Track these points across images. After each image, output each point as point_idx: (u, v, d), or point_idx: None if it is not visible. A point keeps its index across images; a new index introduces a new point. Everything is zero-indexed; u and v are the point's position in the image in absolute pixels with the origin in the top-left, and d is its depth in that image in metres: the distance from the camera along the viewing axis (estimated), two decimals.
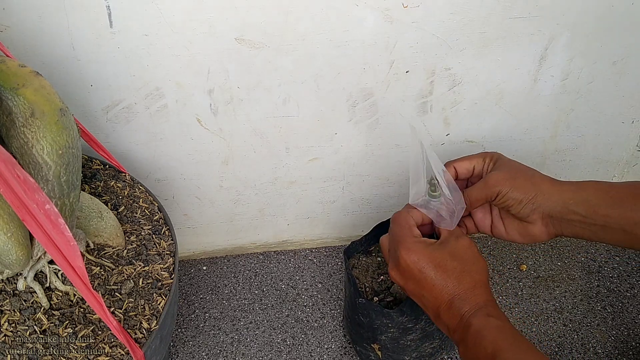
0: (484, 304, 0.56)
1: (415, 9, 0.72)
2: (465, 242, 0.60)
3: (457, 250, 0.59)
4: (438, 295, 0.57)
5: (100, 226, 0.69)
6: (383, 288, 0.76)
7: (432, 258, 0.58)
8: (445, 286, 0.57)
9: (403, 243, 0.60)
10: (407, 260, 0.59)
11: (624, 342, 0.89)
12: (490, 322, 0.54)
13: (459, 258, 0.58)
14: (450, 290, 0.57)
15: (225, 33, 0.71)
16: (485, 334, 0.53)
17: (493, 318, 0.54)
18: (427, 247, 0.59)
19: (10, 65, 0.54)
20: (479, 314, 0.55)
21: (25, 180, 0.47)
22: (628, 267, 0.99)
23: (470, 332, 0.54)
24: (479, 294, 0.56)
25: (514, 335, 0.53)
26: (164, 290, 0.67)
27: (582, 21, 0.77)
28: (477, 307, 0.55)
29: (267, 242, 1.01)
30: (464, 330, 0.55)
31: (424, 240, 0.60)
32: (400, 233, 0.61)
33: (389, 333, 0.74)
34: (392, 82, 0.80)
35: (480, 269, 0.59)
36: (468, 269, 0.58)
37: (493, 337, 0.52)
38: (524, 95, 0.85)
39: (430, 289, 0.58)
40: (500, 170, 0.63)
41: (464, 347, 0.55)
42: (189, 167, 0.87)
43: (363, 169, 0.92)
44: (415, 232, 0.62)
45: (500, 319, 0.54)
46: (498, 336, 0.53)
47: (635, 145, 0.97)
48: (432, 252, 0.59)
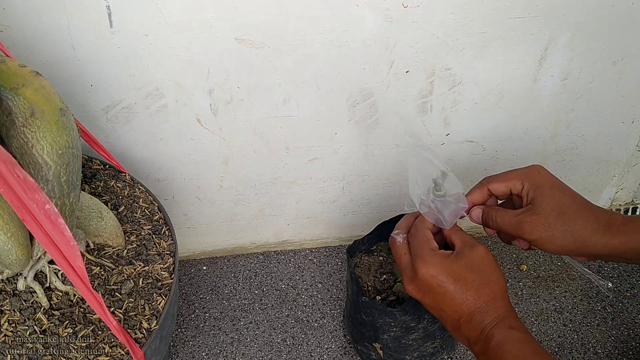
0: (505, 315, 0.55)
1: (415, 9, 0.72)
2: (481, 250, 0.59)
3: (474, 260, 0.58)
4: (458, 309, 0.57)
5: (100, 226, 0.69)
6: (385, 287, 0.76)
7: (451, 271, 0.57)
8: (465, 299, 0.56)
9: (420, 257, 0.58)
10: (425, 274, 0.57)
11: (624, 342, 0.89)
12: (512, 334, 0.53)
13: (476, 269, 0.57)
14: (471, 304, 0.56)
15: (225, 33, 0.71)
16: (507, 347, 0.53)
17: (515, 330, 0.54)
18: (444, 260, 0.58)
19: (10, 65, 0.54)
20: (501, 325, 0.54)
21: (25, 180, 0.47)
22: (628, 267, 0.99)
23: (491, 345, 0.54)
24: (499, 306, 0.56)
25: (535, 349, 0.53)
26: (164, 290, 0.67)
27: (582, 21, 0.77)
28: (498, 319, 0.55)
29: (267, 242, 1.01)
30: (485, 342, 0.54)
31: (441, 253, 0.59)
32: (417, 246, 0.60)
33: (391, 332, 0.74)
34: (392, 82, 0.80)
35: (498, 279, 0.58)
36: (486, 280, 0.57)
37: (515, 350, 0.52)
38: (524, 95, 0.85)
39: (449, 303, 0.57)
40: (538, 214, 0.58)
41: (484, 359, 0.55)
42: (189, 167, 0.87)
43: (363, 169, 0.92)
44: (432, 244, 0.60)
45: (521, 331, 0.54)
46: (520, 349, 0.52)
47: (635, 145, 0.97)
48: (450, 265, 0.58)
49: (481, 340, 0.55)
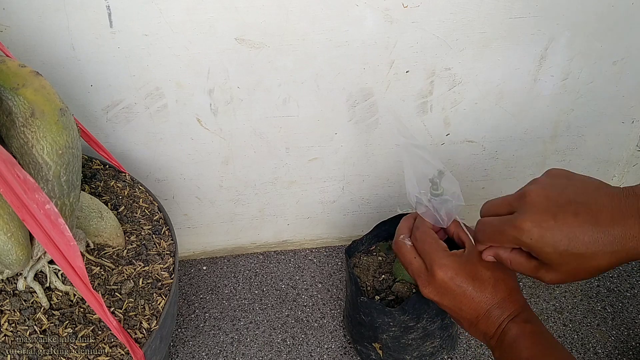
0: (521, 309, 0.56)
1: (415, 9, 0.72)
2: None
3: None
4: (477, 307, 0.57)
5: (100, 226, 0.69)
6: (384, 287, 0.76)
7: (467, 271, 0.58)
8: (484, 297, 0.57)
9: (435, 260, 0.58)
10: (443, 277, 0.58)
11: (624, 342, 0.89)
12: (527, 328, 0.54)
13: (490, 266, 0.58)
14: (489, 300, 0.57)
15: (225, 33, 0.71)
16: (521, 340, 0.53)
17: (529, 324, 0.55)
18: (458, 260, 0.58)
19: (10, 65, 0.54)
20: (517, 320, 0.55)
21: (25, 180, 0.47)
22: (628, 267, 0.99)
23: (506, 338, 0.54)
24: (515, 300, 0.57)
25: (549, 341, 0.54)
26: (164, 290, 0.67)
27: (582, 21, 0.77)
28: (515, 314, 0.56)
29: (267, 242, 1.01)
30: (501, 336, 0.55)
31: (453, 253, 0.59)
32: (430, 250, 0.60)
33: (391, 332, 0.74)
34: (392, 82, 0.80)
35: (512, 274, 0.58)
36: (502, 276, 0.58)
37: (529, 343, 0.53)
38: (524, 95, 0.85)
39: (469, 302, 0.57)
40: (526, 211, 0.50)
41: (499, 352, 0.55)
42: (189, 167, 0.87)
43: (363, 169, 0.92)
44: (442, 245, 0.60)
45: (536, 325, 0.55)
46: (534, 342, 0.53)
47: (635, 145, 0.97)
48: (465, 265, 0.58)
49: (498, 334, 0.56)
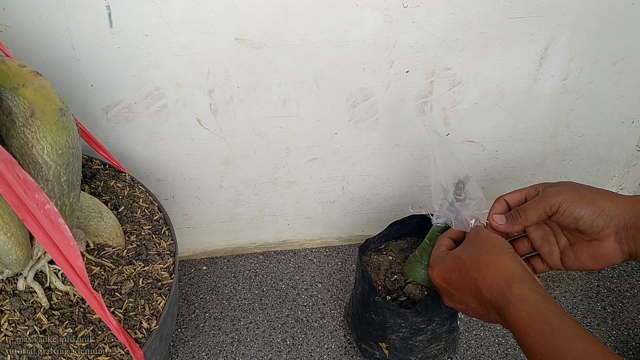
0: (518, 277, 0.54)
1: (415, 9, 0.72)
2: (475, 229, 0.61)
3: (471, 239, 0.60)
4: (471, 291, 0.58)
5: (100, 226, 0.69)
6: (396, 287, 0.76)
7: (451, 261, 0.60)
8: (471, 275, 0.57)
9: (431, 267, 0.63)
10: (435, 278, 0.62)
11: (624, 342, 0.89)
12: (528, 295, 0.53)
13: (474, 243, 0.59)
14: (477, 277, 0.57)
15: (225, 33, 0.71)
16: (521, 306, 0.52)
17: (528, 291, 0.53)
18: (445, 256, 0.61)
19: (10, 65, 0.54)
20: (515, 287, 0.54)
21: (25, 180, 0.47)
22: (628, 267, 0.99)
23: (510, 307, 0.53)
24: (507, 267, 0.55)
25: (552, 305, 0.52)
26: (164, 290, 0.67)
27: (582, 21, 0.77)
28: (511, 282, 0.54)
29: (267, 242, 1.01)
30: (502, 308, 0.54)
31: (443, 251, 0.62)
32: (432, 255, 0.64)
33: (400, 333, 0.73)
34: (392, 82, 0.80)
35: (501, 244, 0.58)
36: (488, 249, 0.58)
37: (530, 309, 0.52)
38: (524, 95, 0.85)
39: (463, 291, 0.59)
40: (558, 185, 0.60)
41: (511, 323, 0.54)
42: (189, 167, 0.87)
43: (363, 169, 0.92)
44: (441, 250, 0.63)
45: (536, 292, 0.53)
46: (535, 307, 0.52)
47: (635, 145, 0.97)
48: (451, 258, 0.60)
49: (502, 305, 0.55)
